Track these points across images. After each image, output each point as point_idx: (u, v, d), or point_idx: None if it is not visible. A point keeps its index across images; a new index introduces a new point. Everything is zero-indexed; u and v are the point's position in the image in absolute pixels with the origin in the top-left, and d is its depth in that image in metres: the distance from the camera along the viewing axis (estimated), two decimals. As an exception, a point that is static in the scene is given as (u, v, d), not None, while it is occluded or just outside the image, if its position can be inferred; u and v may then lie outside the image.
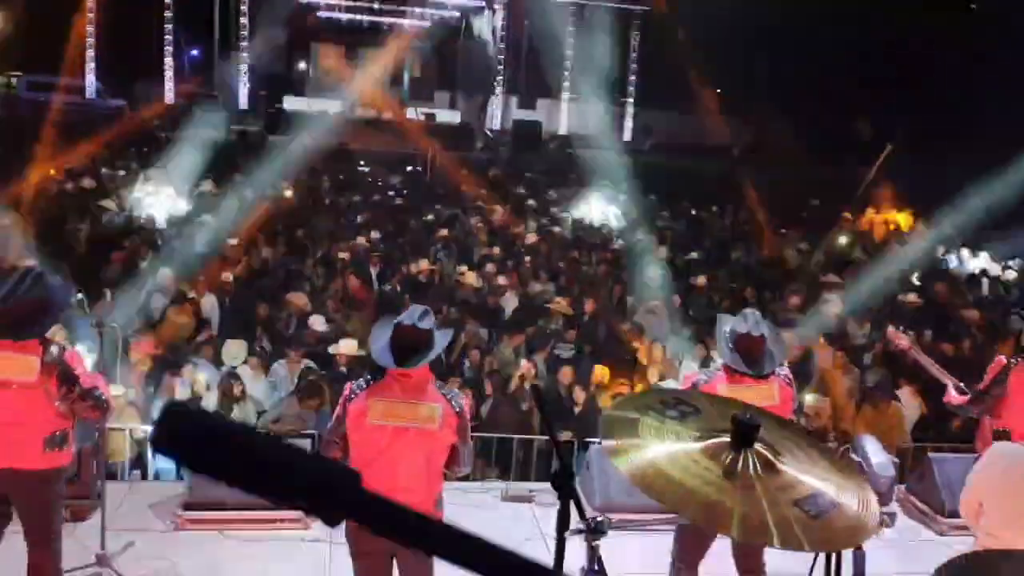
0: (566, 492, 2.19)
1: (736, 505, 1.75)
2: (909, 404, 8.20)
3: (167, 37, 25.15)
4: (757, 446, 1.91)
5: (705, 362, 8.43)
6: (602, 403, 7.49)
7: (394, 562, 3.79)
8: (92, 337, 5.76)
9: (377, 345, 3.66)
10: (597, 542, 2.10)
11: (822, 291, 11.99)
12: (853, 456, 6.34)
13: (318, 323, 9.24)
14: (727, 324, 4.23)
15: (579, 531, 2.12)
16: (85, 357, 4.61)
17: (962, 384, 5.54)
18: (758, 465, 1.89)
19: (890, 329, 6.11)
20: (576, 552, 2.26)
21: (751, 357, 4.11)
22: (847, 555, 1.76)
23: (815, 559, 1.79)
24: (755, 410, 2.14)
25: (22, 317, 3.95)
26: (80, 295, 4.61)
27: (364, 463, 3.53)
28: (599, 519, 2.13)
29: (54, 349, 4.00)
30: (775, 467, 1.91)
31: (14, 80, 24.07)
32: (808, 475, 1.93)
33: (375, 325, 3.90)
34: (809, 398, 7.87)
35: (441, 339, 3.72)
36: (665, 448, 1.86)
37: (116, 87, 24.90)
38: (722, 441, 1.94)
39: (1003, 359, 5.23)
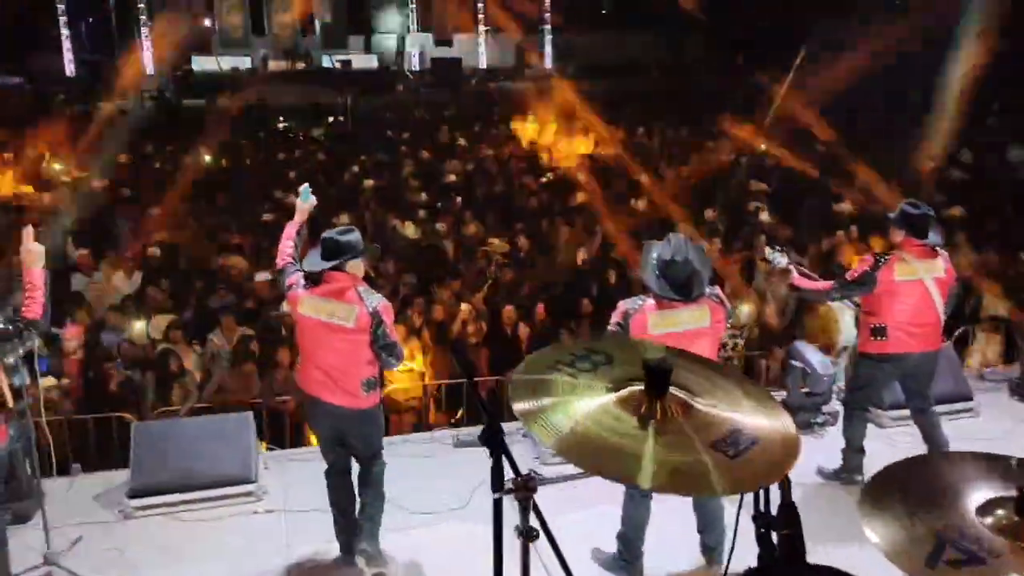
0: (494, 448, 2.14)
1: (648, 454, 1.69)
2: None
3: (60, 6, 23.89)
4: (672, 390, 1.84)
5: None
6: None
7: None
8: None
9: (311, 254, 4.51)
10: (528, 499, 2.05)
11: (751, 199, 12.10)
12: (793, 362, 6.45)
13: (263, 276, 9.03)
14: (653, 251, 4.16)
15: (509, 491, 2.07)
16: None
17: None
18: (673, 410, 1.82)
19: (767, 250, 5.74)
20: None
21: (679, 282, 4.07)
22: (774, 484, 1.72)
23: (742, 495, 1.74)
24: (669, 350, 2.07)
25: None
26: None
27: (303, 343, 4.53)
28: (530, 475, 2.07)
29: None
30: (691, 409, 1.84)
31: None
32: (727, 412, 1.87)
33: (306, 256, 4.60)
34: (746, 309, 7.96)
35: (349, 246, 4.39)
36: (578, 405, 1.79)
37: (11, 64, 23.67)
38: (636, 389, 1.86)
39: (870, 257, 5.29)
